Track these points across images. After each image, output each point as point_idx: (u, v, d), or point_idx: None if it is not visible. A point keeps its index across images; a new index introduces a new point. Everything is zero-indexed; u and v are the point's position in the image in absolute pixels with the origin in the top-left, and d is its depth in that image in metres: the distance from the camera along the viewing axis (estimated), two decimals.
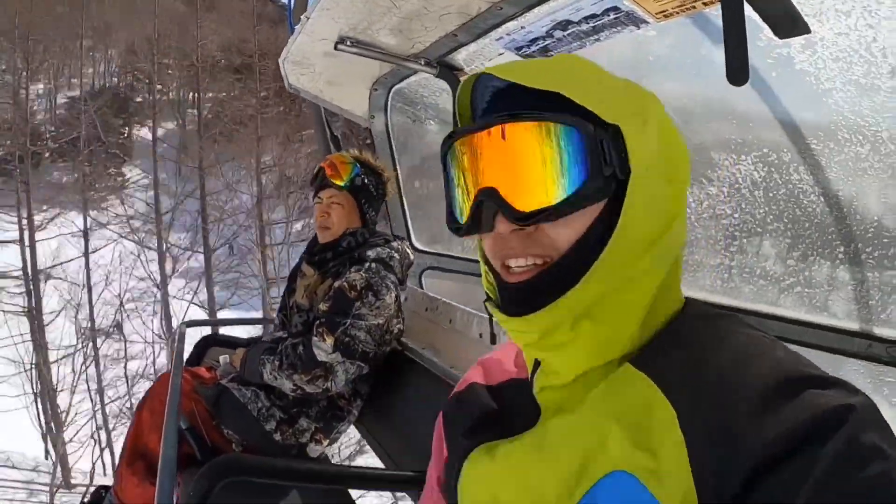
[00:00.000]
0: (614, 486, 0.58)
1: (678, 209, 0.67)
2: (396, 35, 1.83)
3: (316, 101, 2.60)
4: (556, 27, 1.55)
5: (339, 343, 1.94)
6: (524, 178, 0.64)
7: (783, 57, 1.33)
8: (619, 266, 0.62)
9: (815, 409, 0.50)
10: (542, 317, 0.63)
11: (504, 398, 0.81)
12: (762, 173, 1.59)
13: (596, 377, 0.66)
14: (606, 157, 0.62)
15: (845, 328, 1.45)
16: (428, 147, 2.98)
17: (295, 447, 2.06)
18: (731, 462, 0.50)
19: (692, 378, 0.58)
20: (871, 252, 1.45)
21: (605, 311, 0.63)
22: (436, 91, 2.45)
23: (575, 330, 0.63)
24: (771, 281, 1.66)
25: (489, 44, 1.76)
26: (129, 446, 2.12)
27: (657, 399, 0.58)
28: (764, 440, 0.49)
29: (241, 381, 2.12)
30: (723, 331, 0.63)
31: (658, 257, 0.64)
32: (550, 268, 0.64)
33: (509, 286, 0.67)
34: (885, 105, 1.27)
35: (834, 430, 0.48)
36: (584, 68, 0.68)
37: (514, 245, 0.65)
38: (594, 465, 0.60)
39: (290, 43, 2.02)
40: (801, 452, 0.48)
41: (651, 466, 0.55)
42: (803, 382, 0.53)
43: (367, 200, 2.22)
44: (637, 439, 0.58)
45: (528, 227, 0.64)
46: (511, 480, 0.68)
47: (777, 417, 0.50)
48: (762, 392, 0.52)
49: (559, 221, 0.63)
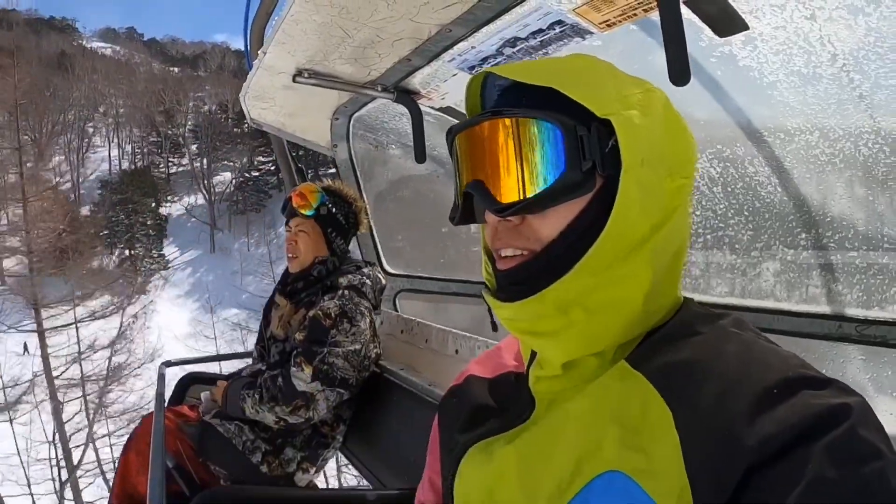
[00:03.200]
0: (607, 487, 0.58)
1: (679, 203, 0.67)
2: (352, 64, 1.85)
3: (279, 133, 2.59)
4: (506, 45, 1.58)
5: (317, 372, 1.93)
6: (502, 172, 0.67)
7: (726, 55, 1.37)
8: (613, 258, 0.63)
9: (809, 409, 0.50)
10: (529, 305, 0.65)
11: (501, 390, 0.81)
12: (718, 169, 1.63)
13: (589, 369, 0.67)
14: (585, 152, 0.64)
15: (815, 312, 1.48)
16: (392, 172, 2.99)
17: (282, 478, 2.03)
18: (727, 462, 0.50)
19: (688, 378, 0.58)
20: (831, 236, 1.48)
21: (597, 302, 0.64)
22: (395, 116, 2.47)
23: (566, 318, 0.64)
24: (738, 273, 1.70)
25: (442, 65, 1.78)
26: (118, 490, 2.08)
27: (653, 399, 0.59)
28: (759, 440, 0.49)
29: (224, 416, 2.09)
30: (720, 331, 0.63)
31: (655, 251, 0.65)
32: (533, 258, 0.66)
33: (498, 273, 0.70)
34: (828, 92, 1.31)
35: (829, 430, 0.48)
36: (587, 66, 0.69)
37: (502, 235, 0.68)
38: (587, 466, 0.60)
39: (249, 78, 2.03)
40: (796, 452, 0.48)
41: (645, 466, 0.56)
42: (798, 383, 0.53)
43: (333, 229, 2.22)
44: (631, 439, 0.58)
45: (514, 218, 0.67)
46: (506, 479, 0.68)
47: (772, 417, 0.50)
48: (758, 393, 0.53)
49: (543, 214, 0.65)
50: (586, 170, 0.64)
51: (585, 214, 0.65)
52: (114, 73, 53.90)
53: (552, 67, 0.69)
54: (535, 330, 0.67)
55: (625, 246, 0.63)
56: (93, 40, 76.35)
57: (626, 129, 0.63)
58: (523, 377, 0.75)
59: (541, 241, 0.66)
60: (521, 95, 0.68)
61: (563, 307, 0.64)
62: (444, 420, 0.89)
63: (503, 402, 0.78)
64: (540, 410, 0.70)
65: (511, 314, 0.68)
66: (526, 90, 0.67)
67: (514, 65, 0.69)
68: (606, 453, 0.59)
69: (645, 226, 0.64)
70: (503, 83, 0.72)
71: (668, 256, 0.68)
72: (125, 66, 59.47)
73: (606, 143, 0.64)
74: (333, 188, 2.28)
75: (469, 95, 0.76)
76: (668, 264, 0.68)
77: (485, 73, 0.72)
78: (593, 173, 0.64)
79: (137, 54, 71.20)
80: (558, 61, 0.71)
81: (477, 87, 0.76)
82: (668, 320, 0.68)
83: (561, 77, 0.65)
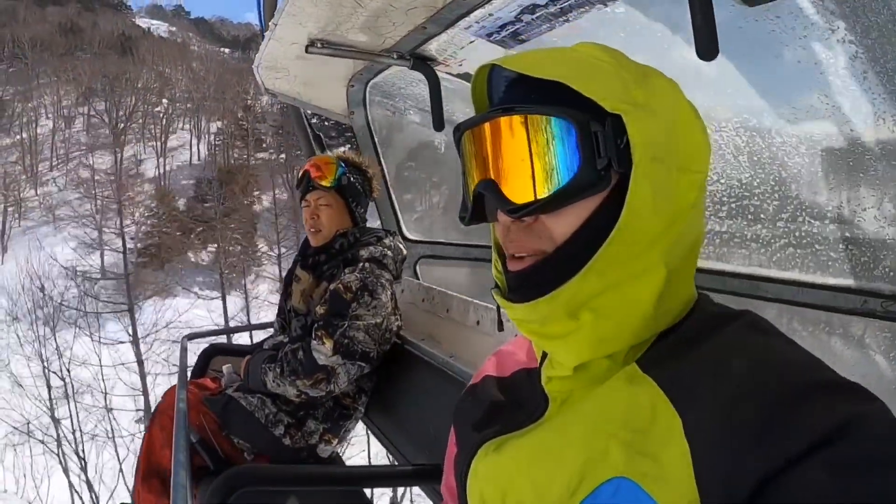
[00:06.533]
0: (615, 493, 0.58)
1: (693, 199, 0.65)
2: (366, 33, 1.81)
3: (294, 103, 2.58)
4: (524, 11, 1.53)
5: (338, 345, 1.95)
6: (516, 172, 0.65)
7: (753, 24, 1.31)
8: (624, 258, 0.62)
9: (825, 419, 0.48)
10: (539, 306, 0.64)
11: (515, 388, 0.82)
12: (745, 138, 1.58)
13: (601, 370, 0.66)
14: (600, 150, 0.62)
15: (839, 285, 1.45)
16: (411, 137, 2.96)
17: (305, 449, 2.08)
18: (739, 471, 0.49)
19: (700, 385, 0.57)
20: (859, 209, 1.44)
21: (607, 304, 0.63)
22: (412, 81, 2.43)
23: (575, 321, 0.63)
24: (762, 243, 1.66)
25: (459, 33, 1.74)
26: (143, 464, 2.14)
27: (662, 405, 0.58)
28: (774, 450, 0.48)
29: (247, 389, 2.14)
30: (733, 334, 0.62)
31: (667, 250, 0.64)
32: (545, 259, 0.65)
33: (510, 274, 0.68)
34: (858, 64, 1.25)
35: (846, 440, 0.46)
36: (595, 57, 0.67)
37: (515, 236, 0.67)
38: (594, 471, 0.60)
39: (262, 49, 2.00)
40: (811, 462, 0.46)
41: (653, 472, 0.55)
42: (814, 390, 0.51)
43: (354, 198, 2.22)
44: (639, 444, 0.58)
45: (527, 218, 0.65)
46: (519, 477, 0.69)
47: (787, 427, 0.49)
48: (772, 400, 0.51)
49: (556, 213, 0.63)
50: (602, 167, 0.62)
51: (600, 213, 0.63)
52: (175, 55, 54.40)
53: (560, 59, 0.67)
54: (544, 332, 0.67)
55: (636, 245, 0.62)
56: (142, 17, 76.49)
57: (637, 125, 0.61)
58: (536, 373, 0.75)
59: (554, 242, 0.64)
60: (529, 89, 0.66)
61: (572, 309, 0.63)
62: (459, 418, 0.89)
63: (517, 400, 0.78)
64: (553, 409, 0.70)
65: (522, 315, 0.67)
66: (533, 83, 0.65)
67: (521, 56, 0.67)
68: (614, 458, 0.59)
69: (658, 224, 0.62)
70: (510, 75, 0.70)
71: (682, 254, 0.66)
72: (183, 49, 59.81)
73: (621, 139, 0.62)
74: (346, 157, 2.27)
75: (475, 88, 0.74)
76: (681, 262, 0.66)
77: (491, 64, 0.70)
78: (608, 171, 0.62)
79: (193, 35, 71.76)
80: (565, 52, 0.69)
81: (483, 79, 0.73)
82: (682, 320, 0.67)
83: (569, 70, 0.63)
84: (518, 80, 0.68)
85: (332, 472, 1.80)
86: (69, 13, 54.22)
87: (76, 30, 51.92)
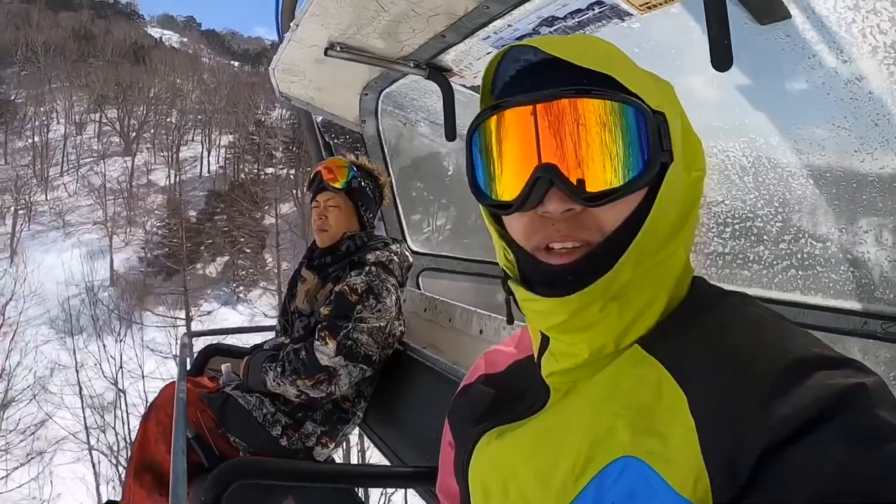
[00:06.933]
0: (622, 472, 0.58)
1: (697, 195, 0.68)
2: (385, 38, 1.85)
3: (307, 108, 2.61)
4: (543, 24, 1.57)
5: (341, 347, 1.96)
6: (593, 157, 0.61)
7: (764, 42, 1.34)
8: (653, 249, 0.63)
9: (825, 390, 0.49)
10: (577, 298, 0.62)
11: (511, 381, 0.82)
12: (750, 159, 1.61)
13: (607, 357, 0.67)
14: (664, 143, 0.63)
15: (840, 307, 1.47)
16: (420, 149, 3.00)
17: (301, 451, 2.07)
18: (743, 445, 0.50)
19: (702, 362, 0.58)
20: (861, 232, 1.46)
21: (632, 293, 0.63)
22: (425, 93, 2.47)
23: (603, 312, 0.63)
24: (765, 265, 1.68)
25: (476, 43, 1.77)
26: (136, 458, 2.12)
27: (667, 383, 0.59)
28: (775, 422, 0.49)
29: (245, 388, 2.13)
30: (732, 312, 0.63)
31: (682, 242, 0.66)
32: (594, 250, 0.63)
33: (550, 268, 0.64)
34: (867, 85, 1.29)
35: (845, 411, 0.48)
36: (618, 51, 0.67)
37: (561, 227, 0.63)
38: (601, 451, 0.60)
39: (280, 51, 2.04)
40: (812, 434, 0.47)
41: (660, 450, 0.56)
42: (814, 363, 0.52)
43: (364, 203, 2.24)
44: (646, 423, 0.58)
45: (577, 207, 0.62)
46: (520, 465, 0.69)
47: (788, 399, 0.50)
48: (773, 374, 0.52)
49: (612, 204, 0.62)
50: (663, 160, 0.63)
51: (643, 205, 0.63)
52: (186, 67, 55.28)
53: (596, 50, 0.65)
54: (569, 325, 0.65)
55: (665, 235, 0.64)
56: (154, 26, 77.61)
57: (672, 122, 0.64)
58: (531, 362, 0.75)
59: (603, 232, 0.63)
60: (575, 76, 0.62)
61: (605, 300, 0.63)
62: (454, 417, 0.89)
63: (516, 392, 0.78)
64: (555, 399, 0.70)
65: (549, 308, 0.65)
66: (569, 69, 0.62)
67: (556, 41, 0.65)
68: (620, 438, 0.59)
69: (678, 216, 0.65)
70: (530, 59, 0.67)
71: (689, 247, 0.69)
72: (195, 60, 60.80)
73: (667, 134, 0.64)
74: (359, 162, 2.30)
75: (489, 69, 0.70)
76: (687, 255, 0.69)
77: (511, 45, 0.66)
78: (665, 164, 0.63)
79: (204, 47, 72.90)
80: (595, 42, 0.67)
81: (494, 64, 0.69)
82: (682, 302, 0.68)
83: (613, 64, 0.63)
84: (538, 67, 0.66)
85: (332, 470, 1.80)
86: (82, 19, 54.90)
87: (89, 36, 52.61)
